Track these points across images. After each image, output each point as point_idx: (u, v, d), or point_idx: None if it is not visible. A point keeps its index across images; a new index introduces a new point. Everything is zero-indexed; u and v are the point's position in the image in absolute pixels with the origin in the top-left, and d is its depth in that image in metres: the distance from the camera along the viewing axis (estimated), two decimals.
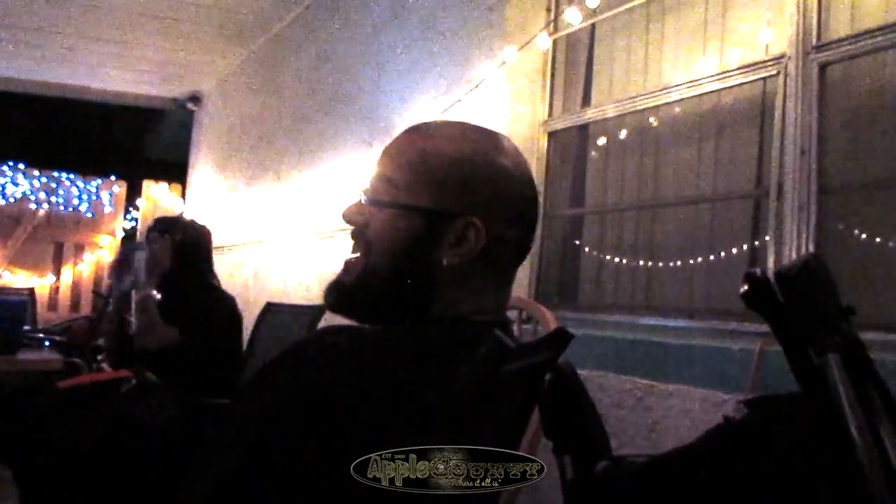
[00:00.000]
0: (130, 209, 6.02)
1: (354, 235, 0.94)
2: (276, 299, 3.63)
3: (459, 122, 0.99)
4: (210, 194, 5.60)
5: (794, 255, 1.86)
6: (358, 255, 0.92)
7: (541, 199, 2.78)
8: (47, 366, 2.40)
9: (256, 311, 3.28)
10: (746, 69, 2.12)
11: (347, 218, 0.94)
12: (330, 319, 2.77)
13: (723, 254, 2.15)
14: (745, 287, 1.05)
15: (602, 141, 2.69)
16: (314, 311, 2.95)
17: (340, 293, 0.93)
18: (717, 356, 1.85)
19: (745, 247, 2.11)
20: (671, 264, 2.31)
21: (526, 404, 1.02)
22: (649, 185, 2.45)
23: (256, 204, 4.86)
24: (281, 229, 4.40)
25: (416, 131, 0.96)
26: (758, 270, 1.07)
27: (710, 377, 1.84)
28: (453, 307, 0.90)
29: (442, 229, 0.89)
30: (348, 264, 0.93)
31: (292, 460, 0.73)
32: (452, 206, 0.89)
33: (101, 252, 6.03)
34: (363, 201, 0.93)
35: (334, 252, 3.57)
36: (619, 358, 2.12)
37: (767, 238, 1.96)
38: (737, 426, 1.00)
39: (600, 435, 1.38)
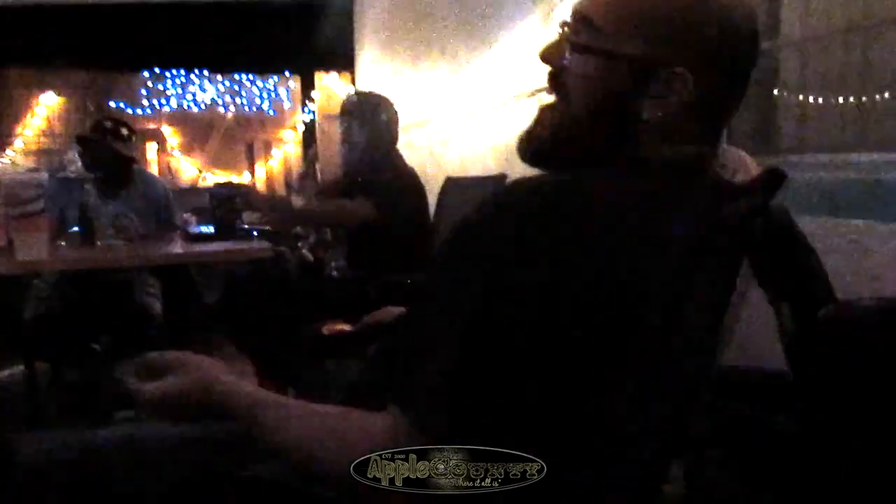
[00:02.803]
0: (307, 102, 6.26)
1: (550, 78, 0.87)
2: (454, 175, 3.66)
3: None
4: (378, 80, 5.66)
5: None
6: (553, 101, 0.87)
7: None
8: (259, 254, 2.60)
9: (436, 189, 3.33)
10: None
11: (544, 57, 0.88)
12: None
13: None
14: None
15: None
16: (495, 181, 2.95)
17: (534, 144, 0.87)
18: None
19: None
20: (888, 94, 2.05)
21: (740, 250, 0.96)
22: (859, 4, 2.15)
23: (424, 83, 4.86)
24: (452, 106, 4.39)
25: None
26: None
27: None
28: (657, 154, 0.83)
29: (645, 80, 0.81)
30: (542, 112, 0.88)
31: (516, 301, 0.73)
32: (658, 54, 0.80)
33: (288, 147, 6.37)
34: (563, 41, 0.85)
35: (508, 122, 3.52)
36: (829, 201, 1.95)
37: None
38: None
39: (822, 280, 1.29)
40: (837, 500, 1.15)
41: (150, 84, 6.08)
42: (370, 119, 2.74)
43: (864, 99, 2.15)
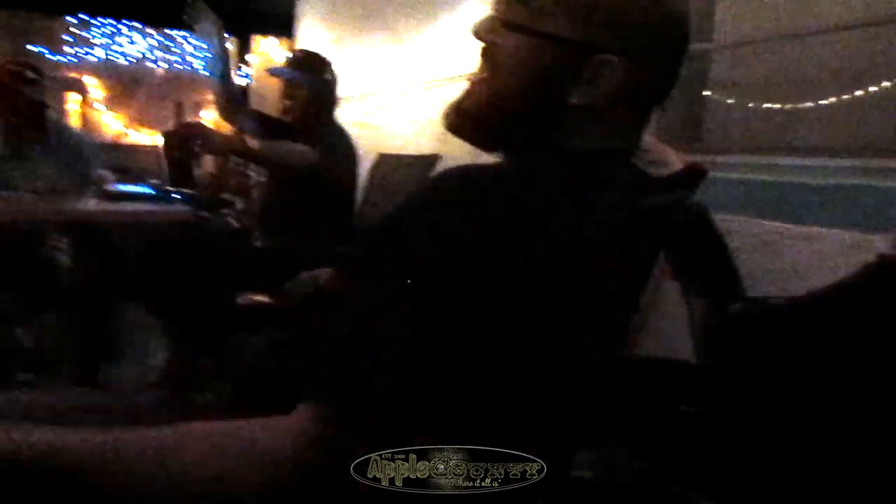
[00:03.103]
0: (242, 66, 6.09)
1: (481, 54, 0.87)
2: (388, 152, 3.63)
3: None
4: (318, 47, 5.56)
5: None
6: (482, 77, 0.86)
7: None
8: (179, 217, 2.52)
9: (368, 163, 3.30)
10: None
11: (476, 33, 0.87)
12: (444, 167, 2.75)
13: (874, 89, 1.95)
14: None
15: None
16: (428, 161, 2.94)
17: (461, 115, 0.87)
18: (860, 195, 1.72)
19: None
20: (811, 101, 2.13)
21: (656, 243, 0.98)
22: (789, 12, 2.22)
23: (364, 56, 4.79)
24: (391, 81, 4.34)
25: None
26: None
27: (851, 218, 1.71)
28: (581, 143, 0.83)
29: (577, 64, 0.80)
30: (471, 86, 0.87)
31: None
32: (590, 38, 0.80)
33: None
34: (494, 19, 0.85)
35: (446, 101, 3.50)
36: (747, 201, 2.01)
37: None
38: (894, 262, 0.93)
39: (734, 276, 1.33)
40: (736, 482, 1.20)
41: (74, 30, 5.79)
42: (315, 76, 2.73)
43: (788, 105, 2.22)
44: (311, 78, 2.74)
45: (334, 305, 0.85)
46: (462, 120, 0.87)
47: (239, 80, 6.09)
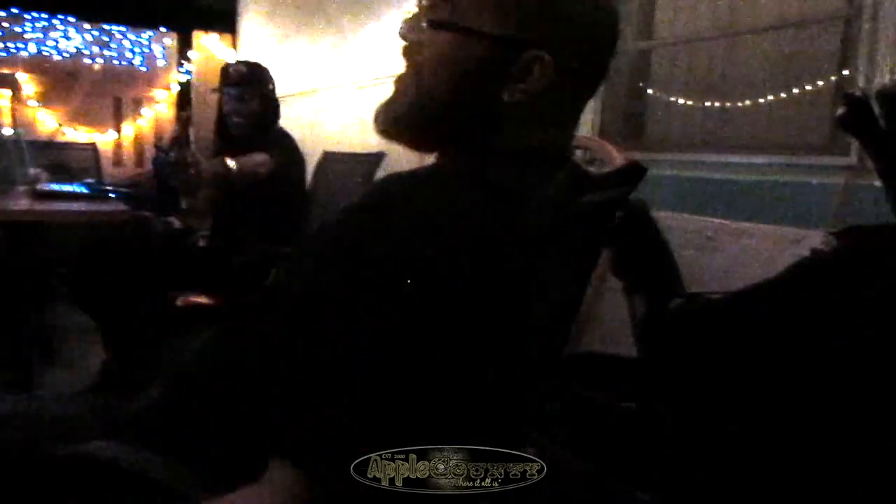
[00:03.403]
0: (183, 62, 5.95)
1: (406, 54, 0.85)
2: (332, 150, 3.60)
3: None
4: (261, 44, 5.47)
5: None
6: (409, 76, 0.84)
7: None
8: (117, 217, 2.45)
9: (313, 161, 3.26)
10: None
11: (401, 34, 0.85)
12: (388, 168, 2.74)
13: (809, 88, 2.00)
14: (843, 109, 0.97)
15: None
16: (372, 159, 2.92)
17: (391, 116, 0.85)
18: (795, 192, 1.77)
19: (833, 79, 1.95)
20: (748, 99, 2.17)
21: (597, 240, 0.98)
22: (725, 12, 2.26)
23: (308, 53, 4.73)
24: (334, 78, 4.30)
25: None
26: (858, 91, 0.98)
27: (787, 215, 1.76)
28: (516, 142, 0.82)
29: (505, 61, 0.79)
30: (399, 84, 0.85)
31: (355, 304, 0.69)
32: (519, 35, 0.79)
33: (159, 107, 6.04)
34: (419, 17, 0.83)
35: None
36: (687, 197, 2.04)
37: (859, 66, 1.80)
38: (827, 257, 0.95)
39: (673, 272, 1.35)
40: (677, 477, 1.22)
41: (5, 24, 5.58)
42: (259, 88, 2.73)
43: (727, 104, 2.27)
44: (258, 90, 2.73)
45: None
46: (391, 122, 0.86)
47: (180, 77, 5.96)
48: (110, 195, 2.66)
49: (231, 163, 2.57)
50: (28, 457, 0.83)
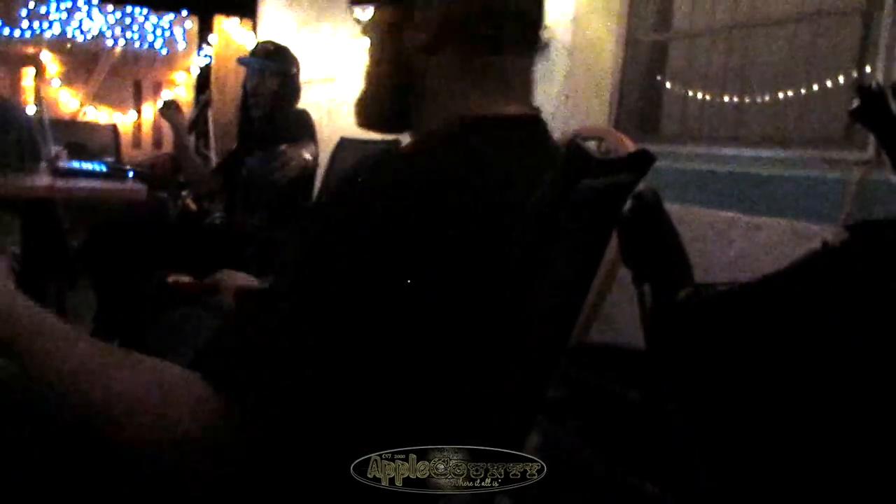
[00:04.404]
0: (203, 46, 5.98)
1: (367, 51, 0.90)
2: (349, 136, 3.60)
3: None
4: (281, 30, 5.48)
5: None
6: (369, 69, 0.88)
7: (625, 23, 2.62)
8: (133, 196, 2.47)
9: (330, 148, 3.28)
10: None
11: (361, 31, 0.90)
12: None
13: (827, 82, 1.98)
14: (857, 101, 0.96)
15: None
16: (388, 145, 2.92)
17: (361, 111, 0.89)
18: (810, 186, 1.75)
19: (852, 73, 1.93)
20: (765, 94, 2.16)
21: (605, 228, 0.98)
22: (744, 4, 2.24)
23: (326, 40, 4.74)
24: (354, 66, 4.30)
25: None
26: (873, 82, 0.97)
27: (801, 209, 1.75)
28: (461, 101, 0.82)
29: (406, 15, 0.82)
30: (364, 79, 0.89)
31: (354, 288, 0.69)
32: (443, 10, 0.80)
33: (179, 90, 6.07)
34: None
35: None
36: (701, 190, 2.04)
37: (878, 61, 1.79)
38: (838, 251, 0.95)
39: (683, 264, 1.34)
40: (683, 469, 1.22)
41: (30, 5, 5.62)
42: (283, 67, 2.75)
43: (746, 99, 2.25)
44: (281, 69, 2.75)
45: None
46: (364, 118, 0.89)
47: (200, 61, 5.99)
48: (128, 175, 2.68)
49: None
50: None
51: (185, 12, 6.01)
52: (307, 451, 0.69)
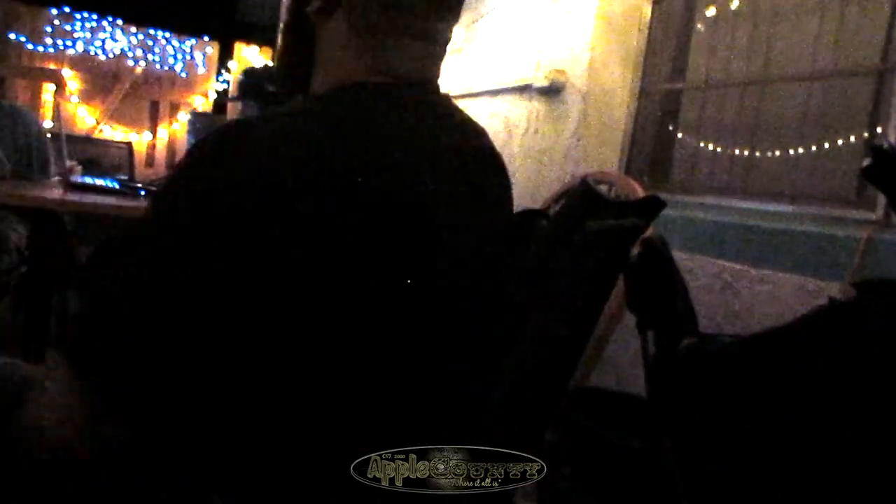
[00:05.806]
0: (222, 71, 6.06)
1: None
2: None
3: None
4: None
5: None
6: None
7: (639, 72, 2.65)
8: (140, 213, 2.48)
9: None
10: None
11: None
12: None
13: (838, 140, 1.99)
14: (869, 160, 0.97)
15: (711, 11, 2.49)
16: None
17: (276, 75, 0.93)
18: (818, 243, 1.75)
19: (864, 133, 1.94)
20: (776, 149, 2.17)
21: (611, 269, 0.98)
22: (759, 60, 2.27)
23: None
24: None
25: None
26: (885, 142, 0.97)
27: (808, 265, 1.74)
28: (349, 66, 0.81)
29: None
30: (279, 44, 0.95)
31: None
32: None
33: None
34: None
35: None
36: (710, 241, 2.04)
37: (891, 121, 1.80)
38: (844, 307, 0.94)
39: (688, 312, 1.34)
40: None
41: (56, 22, 5.73)
42: (265, 97, 2.79)
43: (757, 153, 2.26)
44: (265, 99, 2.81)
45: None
46: (278, 80, 0.94)
47: (218, 86, 6.07)
48: (139, 193, 2.69)
49: None
50: None
51: (206, 37, 6.10)
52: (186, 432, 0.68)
